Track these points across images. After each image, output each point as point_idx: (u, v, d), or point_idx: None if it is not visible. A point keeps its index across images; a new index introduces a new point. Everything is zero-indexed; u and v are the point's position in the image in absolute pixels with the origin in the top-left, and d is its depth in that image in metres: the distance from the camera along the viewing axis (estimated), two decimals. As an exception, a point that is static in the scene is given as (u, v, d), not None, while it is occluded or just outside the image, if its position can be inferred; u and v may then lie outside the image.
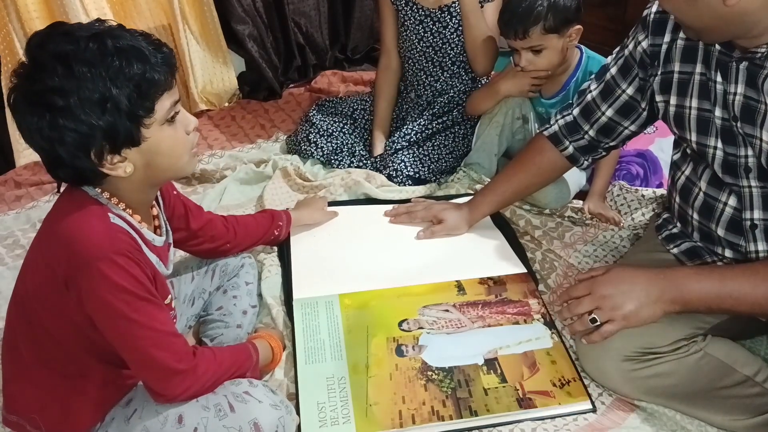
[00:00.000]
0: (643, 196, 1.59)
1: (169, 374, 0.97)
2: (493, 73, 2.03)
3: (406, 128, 1.91)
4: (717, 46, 1.04)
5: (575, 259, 1.45)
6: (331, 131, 1.97)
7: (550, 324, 1.32)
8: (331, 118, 2.02)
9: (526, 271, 1.46)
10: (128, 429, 1.01)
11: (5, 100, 0.92)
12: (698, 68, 1.09)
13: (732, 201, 1.10)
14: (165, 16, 2.18)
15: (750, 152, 1.04)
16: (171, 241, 1.13)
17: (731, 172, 1.08)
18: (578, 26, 1.56)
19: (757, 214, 1.07)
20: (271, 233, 1.47)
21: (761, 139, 1.01)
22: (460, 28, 1.86)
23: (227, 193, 1.82)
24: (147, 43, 0.91)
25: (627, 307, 1.05)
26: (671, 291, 1.05)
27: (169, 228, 1.13)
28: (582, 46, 1.65)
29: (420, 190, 1.79)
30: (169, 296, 1.07)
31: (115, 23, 0.91)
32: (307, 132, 1.97)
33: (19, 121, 0.89)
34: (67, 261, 0.91)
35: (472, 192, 1.76)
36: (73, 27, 0.89)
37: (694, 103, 1.10)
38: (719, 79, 1.05)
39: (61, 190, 0.98)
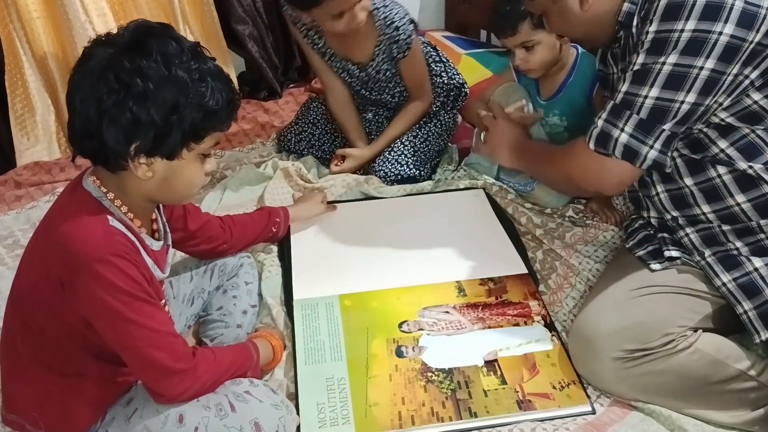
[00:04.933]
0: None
1: (168, 374, 0.97)
2: (492, 75, 2.04)
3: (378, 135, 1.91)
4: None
5: (576, 259, 1.45)
6: (317, 134, 1.96)
7: (550, 326, 1.32)
8: (318, 119, 1.99)
9: (526, 271, 1.46)
10: (129, 428, 1.01)
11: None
12: (599, 66, 1.39)
13: None
14: (165, 16, 2.17)
15: None
16: (169, 243, 1.13)
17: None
18: None
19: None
20: (269, 230, 1.47)
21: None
22: (390, 84, 1.86)
23: (227, 193, 1.81)
24: (226, 84, 0.96)
25: (494, 144, 1.53)
26: (518, 151, 1.47)
27: (167, 230, 1.13)
28: (577, 45, 1.64)
29: (418, 187, 1.80)
30: (163, 301, 1.07)
31: (209, 53, 0.97)
32: (295, 134, 1.96)
33: (81, 81, 0.89)
34: (63, 262, 0.91)
35: (473, 186, 1.77)
36: (181, 36, 0.94)
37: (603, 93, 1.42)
38: (609, 71, 1.33)
39: (75, 161, 1.00)
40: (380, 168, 1.83)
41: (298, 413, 1.14)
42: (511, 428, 1.14)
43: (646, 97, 1.09)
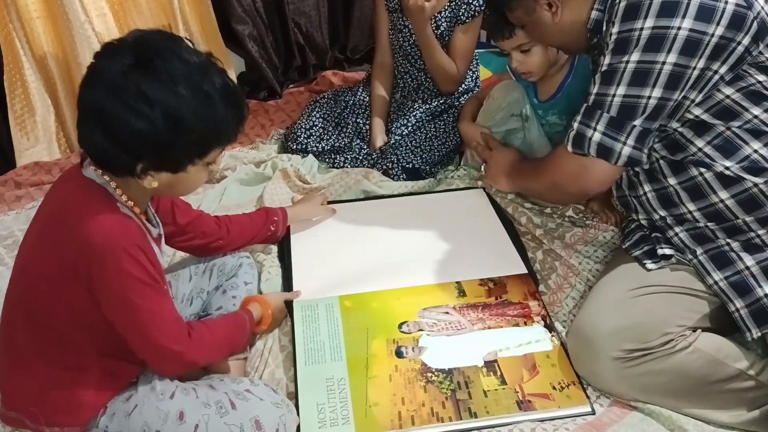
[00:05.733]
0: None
1: (169, 356, 1.01)
2: (491, 75, 2.05)
3: (396, 124, 1.95)
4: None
5: (576, 259, 1.45)
6: (327, 128, 1.98)
7: (550, 326, 1.32)
8: (327, 114, 2.02)
9: (526, 271, 1.46)
10: (129, 424, 1.02)
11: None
12: (593, 67, 1.39)
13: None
14: (165, 16, 2.17)
15: None
16: (162, 233, 1.14)
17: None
18: None
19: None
20: (267, 229, 1.48)
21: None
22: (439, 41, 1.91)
23: (227, 193, 1.81)
24: (237, 98, 0.97)
25: (493, 174, 1.64)
26: (513, 174, 1.57)
27: (158, 220, 1.14)
28: None
29: (419, 184, 1.80)
30: (166, 283, 1.09)
31: (221, 64, 0.97)
32: (304, 129, 1.97)
33: (98, 98, 0.90)
34: (81, 251, 0.93)
35: (472, 186, 1.77)
36: (190, 50, 0.93)
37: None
38: None
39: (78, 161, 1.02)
40: (394, 152, 1.85)
41: (298, 413, 1.14)
42: (511, 428, 1.14)
43: (614, 95, 1.13)
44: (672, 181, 1.19)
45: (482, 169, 1.70)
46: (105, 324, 0.99)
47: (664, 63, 1.08)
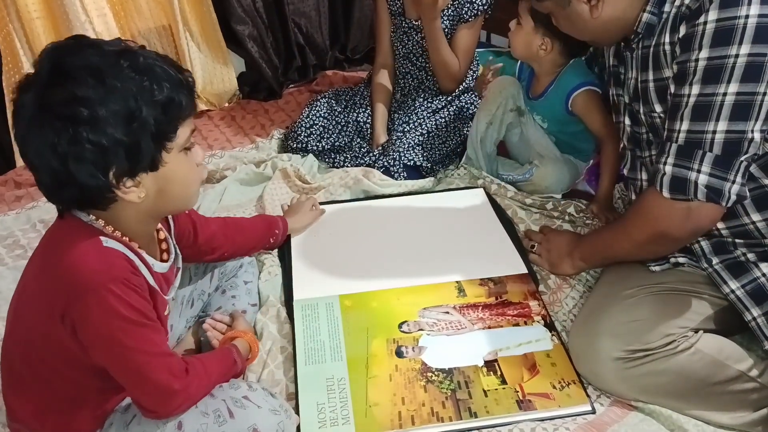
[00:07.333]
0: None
1: (163, 395, 0.95)
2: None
3: (398, 121, 1.96)
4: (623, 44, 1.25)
5: (575, 260, 1.45)
6: (327, 127, 1.98)
7: (550, 326, 1.32)
8: (328, 113, 2.02)
9: (526, 271, 1.46)
10: None
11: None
12: (612, 61, 1.33)
13: (643, 175, 1.30)
14: (165, 17, 2.17)
15: (644, 129, 1.25)
16: (179, 265, 1.11)
17: (637, 145, 1.30)
18: (550, 41, 1.56)
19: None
20: (266, 242, 1.48)
21: (639, 112, 1.23)
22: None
23: (227, 193, 1.81)
24: (170, 67, 0.89)
25: (552, 257, 1.44)
26: (578, 250, 1.38)
27: (178, 251, 1.10)
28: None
29: (419, 183, 1.80)
30: (167, 307, 1.06)
31: (136, 45, 0.89)
32: (305, 127, 1.97)
33: (26, 135, 0.84)
34: (63, 292, 0.88)
35: (471, 186, 1.77)
36: (100, 41, 0.87)
37: (615, 90, 1.35)
38: (621, 69, 1.28)
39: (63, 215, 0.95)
40: (396, 149, 1.85)
41: (297, 413, 1.14)
42: (511, 428, 1.14)
43: (714, 132, 1.04)
44: None
45: (535, 249, 1.51)
46: (95, 360, 0.94)
47: (764, 94, 1.00)
